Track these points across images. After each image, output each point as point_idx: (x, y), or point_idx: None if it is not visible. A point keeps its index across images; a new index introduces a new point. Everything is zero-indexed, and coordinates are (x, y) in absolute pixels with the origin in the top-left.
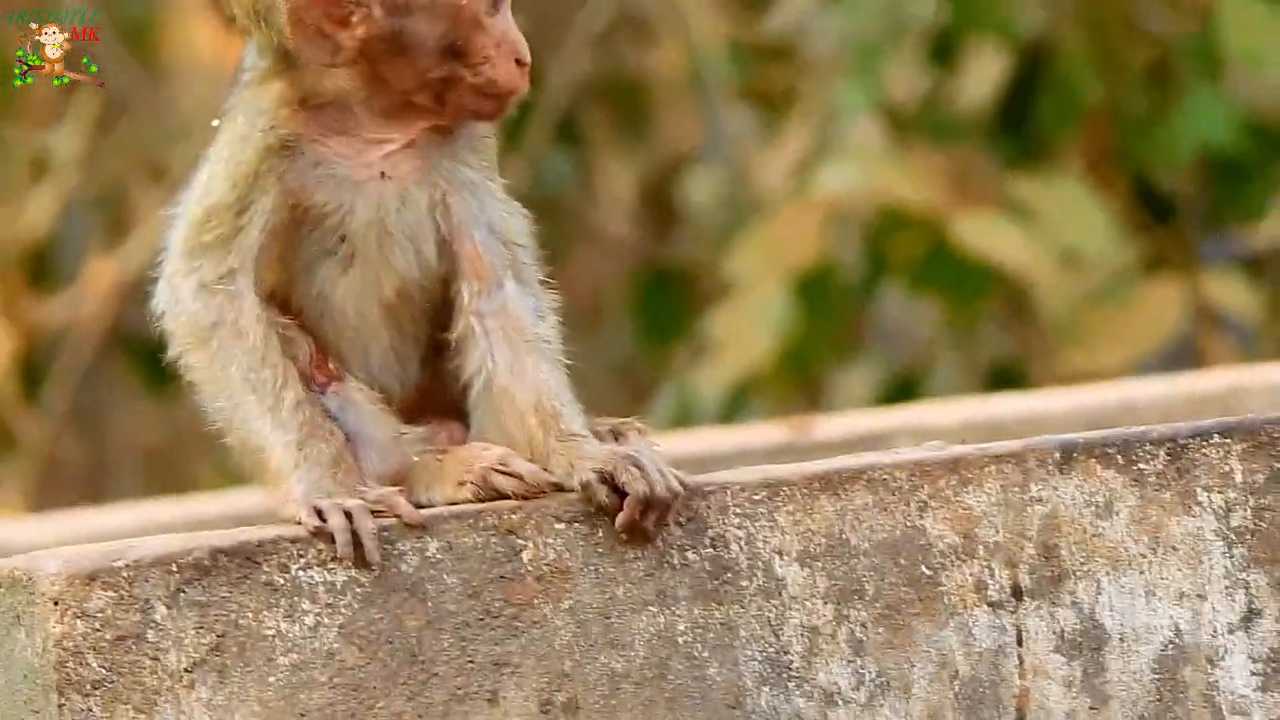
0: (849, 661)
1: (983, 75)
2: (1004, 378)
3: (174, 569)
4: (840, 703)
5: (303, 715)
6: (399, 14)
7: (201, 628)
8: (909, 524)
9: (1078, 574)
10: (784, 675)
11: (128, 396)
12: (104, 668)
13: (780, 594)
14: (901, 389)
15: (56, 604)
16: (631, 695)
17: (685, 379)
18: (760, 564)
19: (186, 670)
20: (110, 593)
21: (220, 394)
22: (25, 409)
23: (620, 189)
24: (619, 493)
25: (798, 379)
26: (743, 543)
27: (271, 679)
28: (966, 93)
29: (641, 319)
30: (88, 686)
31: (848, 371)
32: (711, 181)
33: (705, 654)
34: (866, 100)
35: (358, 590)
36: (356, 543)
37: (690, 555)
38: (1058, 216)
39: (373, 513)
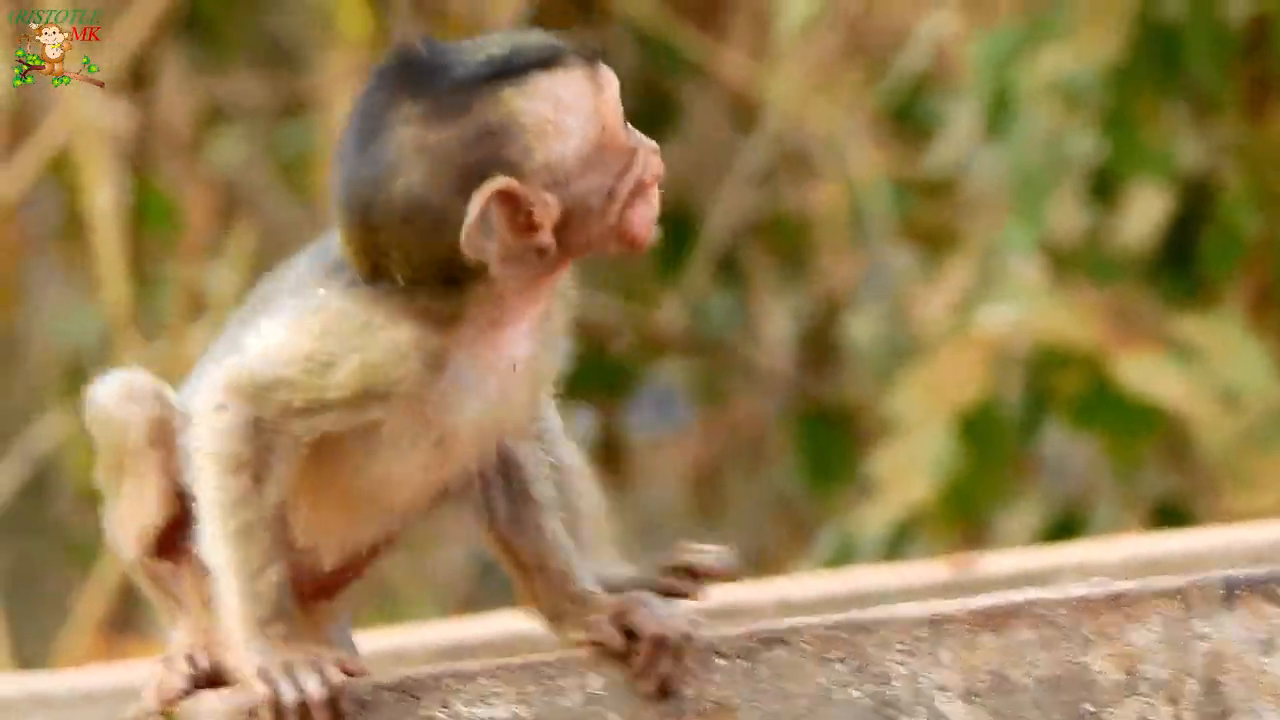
0: None
1: (1144, 212)
2: (1166, 515)
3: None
4: None
5: None
6: (568, 184)
7: None
8: (1072, 660)
9: (1241, 711)
10: None
11: None
12: None
13: None
14: (1064, 527)
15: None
16: None
17: (847, 517)
18: (923, 700)
19: None
20: None
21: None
22: None
23: (781, 328)
24: (631, 635)
25: (960, 517)
26: (905, 679)
27: None
28: (1127, 230)
29: (803, 458)
30: None
31: (1010, 510)
32: (872, 319)
33: None
34: (1027, 237)
35: None
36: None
37: (853, 691)
38: (1218, 354)
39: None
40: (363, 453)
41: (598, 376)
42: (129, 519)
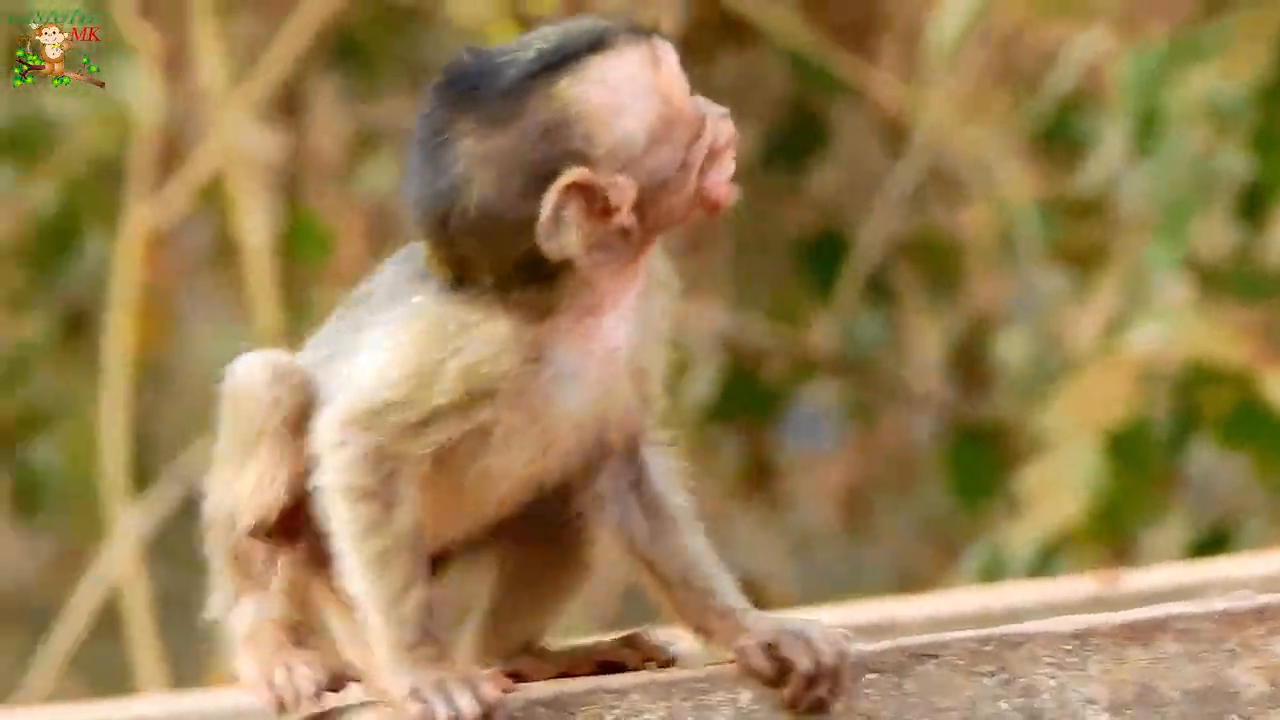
0: None
1: None
2: None
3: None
4: None
5: None
6: (639, 162)
7: None
8: (1217, 673)
9: None
10: None
11: None
12: None
13: None
14: (1210, 543)
15: None
16: None
17: (995, 534)
18: (1071, 713)
19: None
20: None
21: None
22: None
23: (930, 347)
24: (779, 661)
25: (1108, 534)
26: (1054, 691)
27: None
28: (1276, 248)
29: (952, 476)
30: None
31: (1157, 526)
32: (1021, 339)
33: None
34: (1175, 257)
35: None
36: None
37: (1002, 705)
38: None
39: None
40: (471, 450)
41: (749, 398)
42: (253, 496)
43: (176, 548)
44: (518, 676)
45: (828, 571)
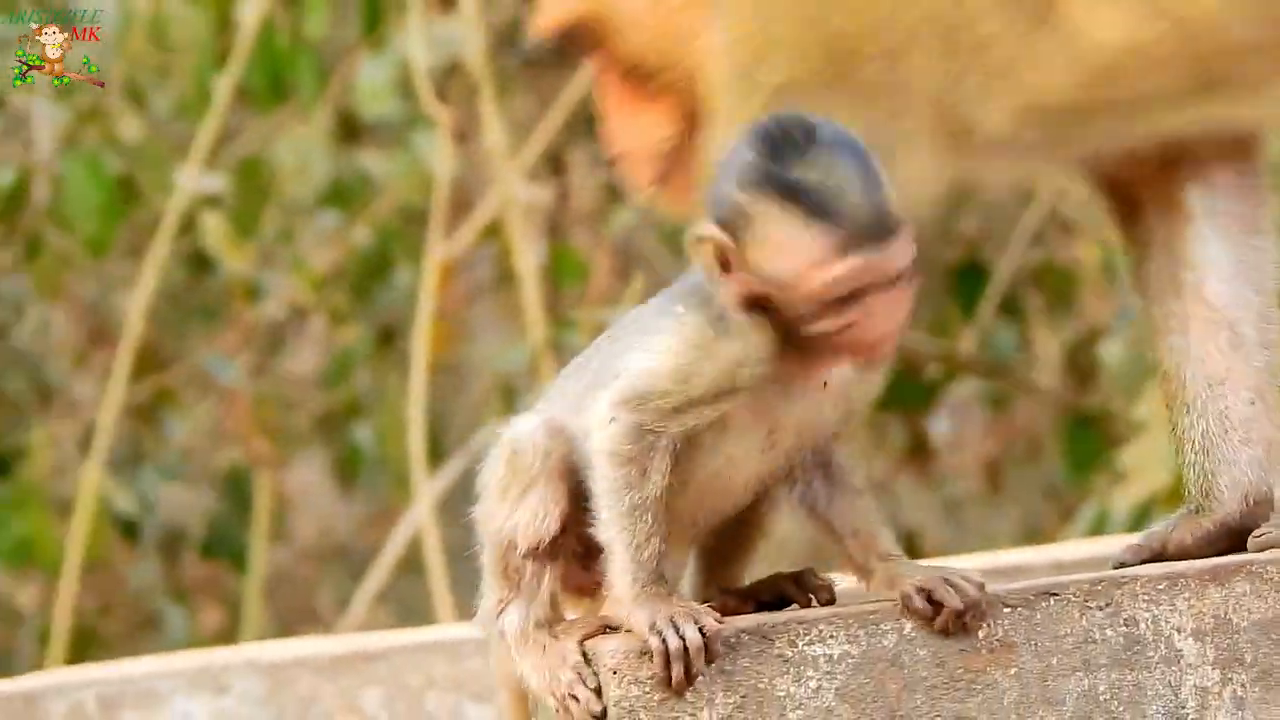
0: (1231, 715)
1: None
2: None
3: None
4: None
5: None
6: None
7: (728, 690)
8: (1279, 607)
9: None
10: None
11: None
12: None
13: (1178, 662)
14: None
15: (615, 673)
16: None
17: (1101, 500)
18: (1163, 638)
19: None
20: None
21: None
22: None
23: (1051, 352)
24: (934, 603)
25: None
26: (1149, 621)
27: None
28: None
29: (1068, 454)
30: None
31: None
32: (1120, 345)
33: (1120, 709)
34: None
35: (850, 660)
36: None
37: (1109, 632)
38: None
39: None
40: (712, 442)
41: (911, 392)
42: (529, 526)
43: (461, 508)
44: (721, 611)
45: (971, 527)
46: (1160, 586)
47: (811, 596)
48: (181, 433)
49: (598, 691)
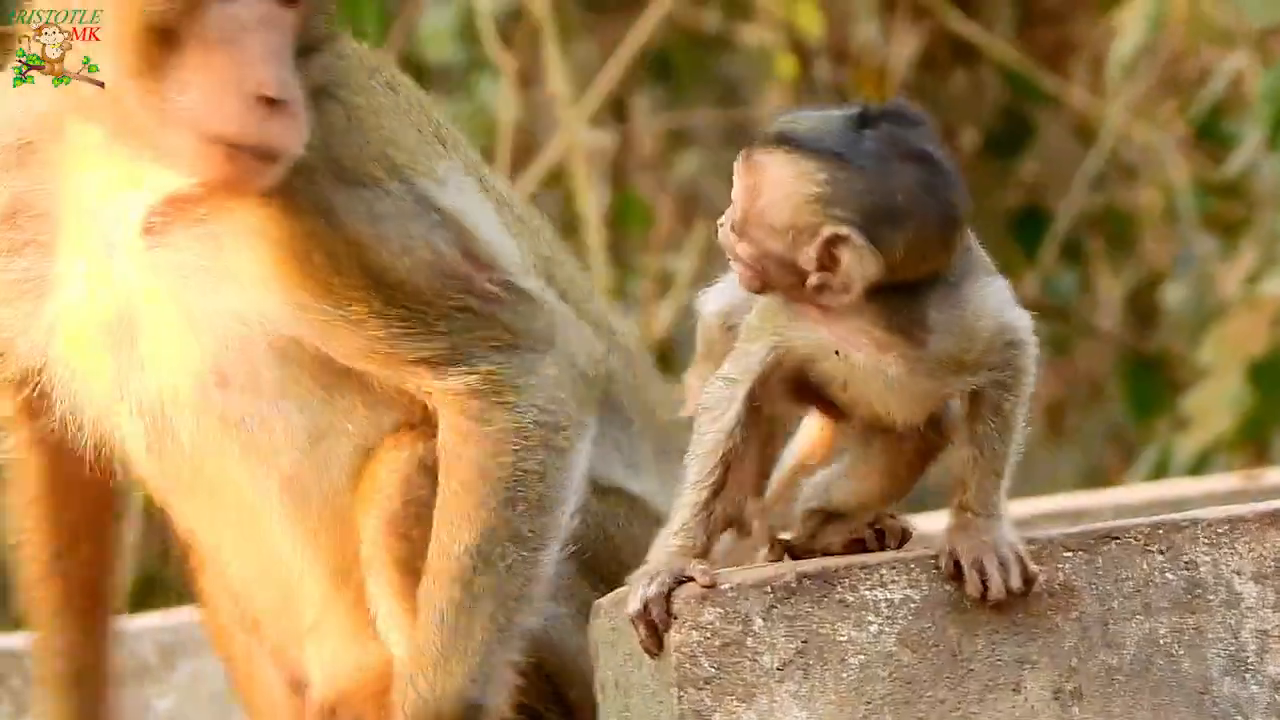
0: None
1: None
2: None
3: (769, 590)
4: None
5: (868, 703)
6: None
7: (789, 635)
8: None
9: None
10: (1242, 668)
11: None
12: (713, 668)
13: (1239, 605)
14: None
15: (676, 618)
16: (1123, 685)
17: (1164, 443)
18: (1223, 582)
19: (778, 669)
20: (719, 609)
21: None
22: None
23: (1113, 296)
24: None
25: (1252, 443)
26: (1210, 565)
27: (844, 675)
28: None
29: (1130, 398)
30: (701, 682)
31: None
32: (1183, 290)
33: (1181, 652)
34: None
35: (911, 605)
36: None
37: (1169, 575)
38: None
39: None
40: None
41: None
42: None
43: None
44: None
45: (1034, 469)
46: (1221, 530)
47: (891, 541)
48: None
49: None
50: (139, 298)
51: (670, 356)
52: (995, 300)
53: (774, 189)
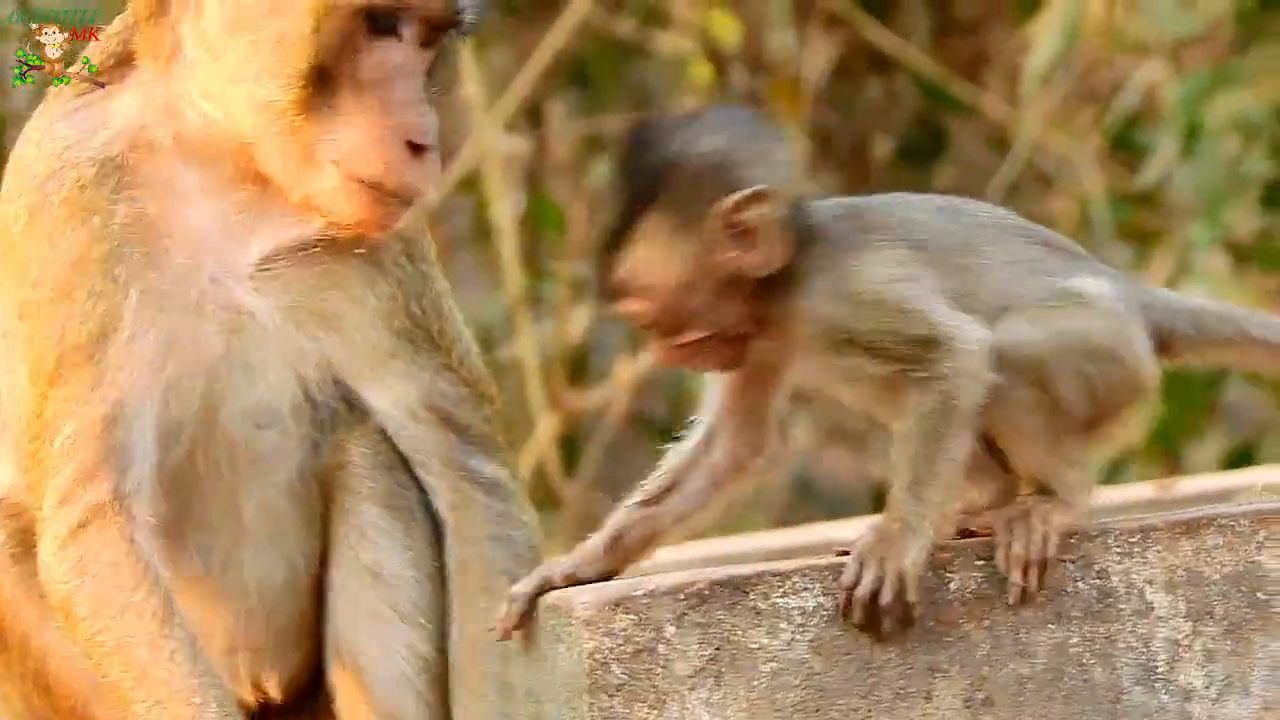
0: (1202, 667)
1: None
2: None
3: (681, 597)
4: (1195, 699)
5: (779, 711)
6: None
7: (702, 642)
8: (1249, 560)
9: None
10: (1152, 678)
11: (644, 466)
12: (625, 674)
13: (1150, 614)
14: (1243, 456)
15: (588, 625)
16: (1035, 694)
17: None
18: (1135, 591)
19: (689, 676)
20: (631, 616)
21: None
22: (566, 477)
23: None
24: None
25: (1162, 452)
26: (1121, 574)
27: (756, 682)
28: None
29: None
30: (612, 689)
31: (1201, 444)
32: None
33: (1092, 661)
34: (1213, 237)
35: (824, 613)
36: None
37: (1081, 585)
38: None
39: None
40: None
41: None
42: None
43: None
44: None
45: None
46: (1133, 539)
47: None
48: None
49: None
50: (244, 330)
51: (585, 362)
52: (884, 274)
53: (654, 238)
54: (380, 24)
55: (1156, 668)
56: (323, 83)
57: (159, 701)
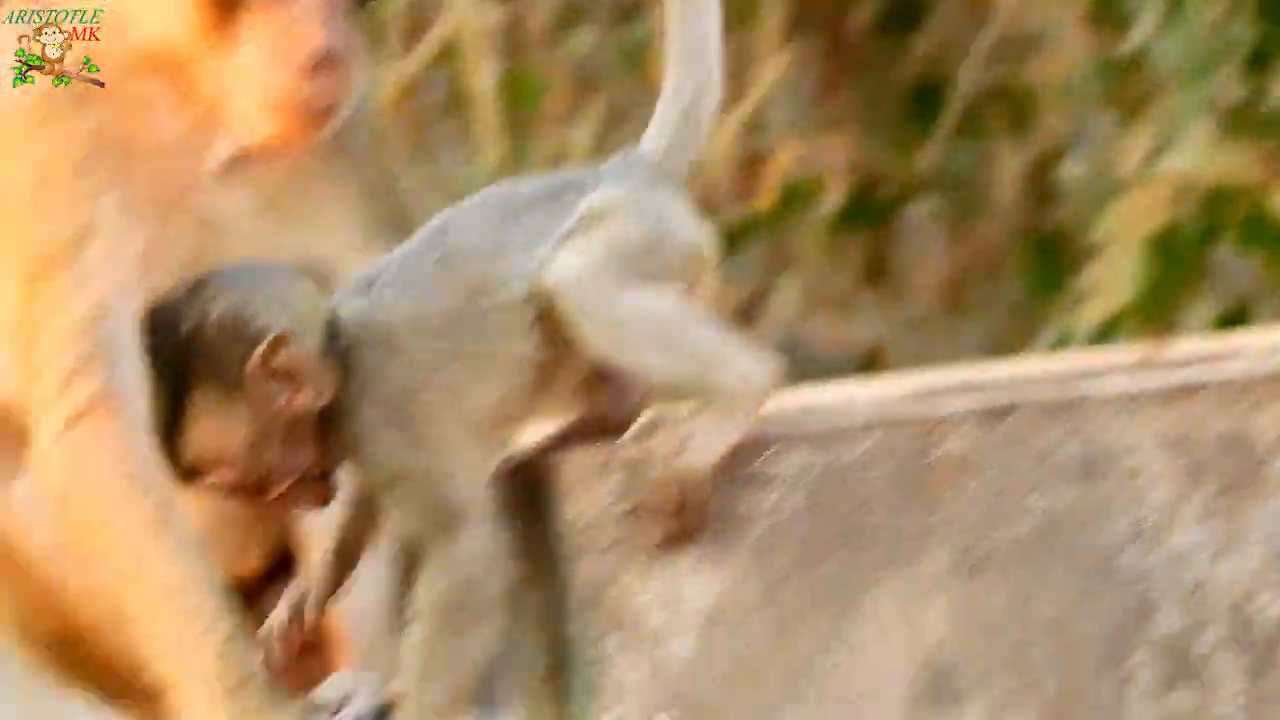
0: (1194, 530)
1: None
2: None
3: None
4: (1188, 562)
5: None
6: None
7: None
8: (1241, 422)
9: None
10: (1143, 541)
11: None
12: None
13: (1140, 477)
14: (1233, 320)
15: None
16: (1024, 557)
17: (1063, 319)
18: (1125, 454)
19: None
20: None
21: None
22: None
23: (1011, 172)
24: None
25: (1150, 317)
26: (1112, 437)
27: (743, 547)
28: (1277, 95)
29: (1029, 272)
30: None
31: (1190, 309)
32: (1081, 166)
33: (1082, 524)
34: (1199, 103)
35: (809, 475)
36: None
37: (1070, 448)
38: None
39: None
40: None
41: (871, 210)
42: None
43: None
44: None
45: (932, 343)
46: (1124, 402)
47: None
48: None
49: None
50: (220, 232)
51: None
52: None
53: (206, 413)
54: None
55: (1146, 531)
56: (226, 6)
57: (153, 602)
